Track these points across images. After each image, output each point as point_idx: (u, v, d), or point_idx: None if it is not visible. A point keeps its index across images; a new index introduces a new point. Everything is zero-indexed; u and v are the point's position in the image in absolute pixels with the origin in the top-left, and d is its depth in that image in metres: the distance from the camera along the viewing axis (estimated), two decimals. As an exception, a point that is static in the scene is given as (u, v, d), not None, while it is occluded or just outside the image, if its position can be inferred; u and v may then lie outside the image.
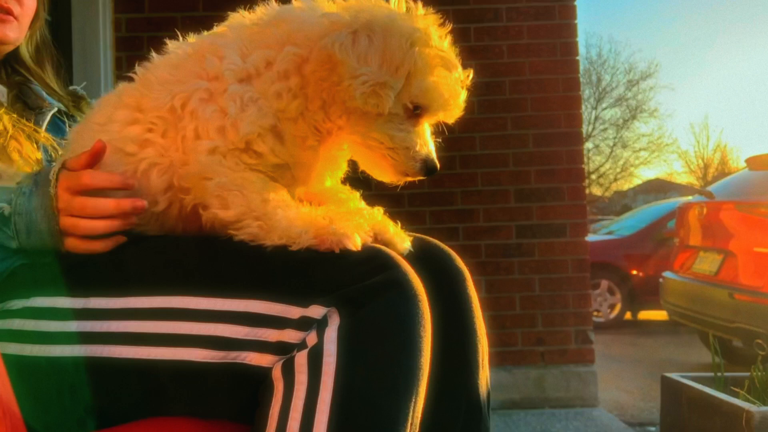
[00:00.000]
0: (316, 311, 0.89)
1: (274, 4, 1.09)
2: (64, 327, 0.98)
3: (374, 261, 0.92)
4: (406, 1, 1.06)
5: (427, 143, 1.08)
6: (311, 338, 0.88)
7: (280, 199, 0.99)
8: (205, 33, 1.10)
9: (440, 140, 1.12)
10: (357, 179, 1.17)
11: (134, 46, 3.31)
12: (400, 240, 1.03)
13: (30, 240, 1.02)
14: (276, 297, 0.91)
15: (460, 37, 1.08)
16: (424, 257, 1.07)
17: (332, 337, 0.87)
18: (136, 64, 1.12)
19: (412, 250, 1.03)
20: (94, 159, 1.03)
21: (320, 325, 0.88)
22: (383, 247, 0.95)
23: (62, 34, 3.09)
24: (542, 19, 3.51)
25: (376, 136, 1.05)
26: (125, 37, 3.36)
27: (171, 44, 1.11)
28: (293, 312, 0.90)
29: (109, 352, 0.95)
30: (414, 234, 1.12)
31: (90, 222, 1.01)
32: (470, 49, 3.40)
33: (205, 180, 0.99)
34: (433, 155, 1.08)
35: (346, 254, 0.92)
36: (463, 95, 1.08)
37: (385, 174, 1.09)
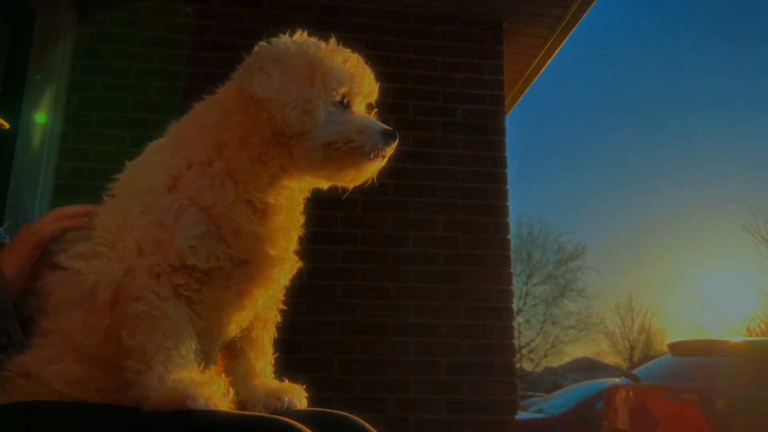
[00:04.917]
0: None
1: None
2: None
3: None
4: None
5: (369, 119, 1.11)
6: None
7: (173, 353, 0.96)
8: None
9: (376, 305, 1.13)
10: (286, 342, 1.14)
11: (74, 194, 3.28)
12: (298, 398, 1.05)
13: None
14: None
15: (399, 209, 1.13)
16: None
17: None
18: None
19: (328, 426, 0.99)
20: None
21: None
22: (289, 420, 0.90)
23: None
24: (476, 199, 3.71)
25: (327, 141, 1.06)
26: (66, 184, 3.35)
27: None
28: None
29: None
30: (333, 411, 1.08)
31: None
32: (408, 221, 3.53)
33: (133, 300, 0.98)
34: (382, 124, 1.11)
35: (246, 425, 0.87)
36: (370, 72, 1.14)
37: (359, 169, 1.10)
